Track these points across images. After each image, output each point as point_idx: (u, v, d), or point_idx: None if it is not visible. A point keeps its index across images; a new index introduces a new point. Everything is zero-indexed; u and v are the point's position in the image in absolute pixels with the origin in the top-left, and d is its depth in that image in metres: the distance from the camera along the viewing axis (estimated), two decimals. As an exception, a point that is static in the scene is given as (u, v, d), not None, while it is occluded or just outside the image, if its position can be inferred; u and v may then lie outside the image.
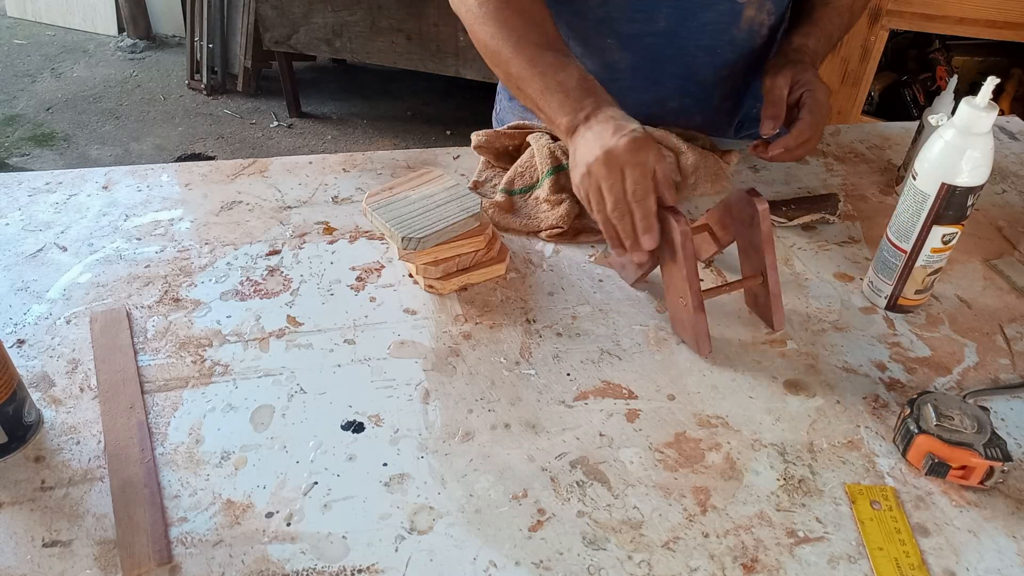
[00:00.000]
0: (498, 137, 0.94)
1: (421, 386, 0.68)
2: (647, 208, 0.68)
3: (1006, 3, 1.87)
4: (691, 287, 0.69)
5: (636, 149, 0.68)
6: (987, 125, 0.66)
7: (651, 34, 0.90)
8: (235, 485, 0.60)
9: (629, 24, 0.90)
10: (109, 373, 0.68)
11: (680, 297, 0.71)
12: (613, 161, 0.69)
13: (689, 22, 0.89)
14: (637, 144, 0.68)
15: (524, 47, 0.79)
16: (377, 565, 0.55)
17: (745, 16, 0.90)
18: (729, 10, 0.89)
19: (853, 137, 1.08)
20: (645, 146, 0.68)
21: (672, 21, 0.89)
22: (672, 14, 0.88)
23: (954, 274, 0.84)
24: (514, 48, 0.79)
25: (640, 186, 0.68)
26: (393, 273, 0.81)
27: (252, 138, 3.04)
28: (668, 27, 0.89)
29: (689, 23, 0.89)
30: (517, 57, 0.79)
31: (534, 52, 0.78)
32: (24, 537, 0.56)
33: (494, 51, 0.81)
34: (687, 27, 0.89)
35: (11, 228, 0.86)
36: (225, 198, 0.91)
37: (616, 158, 0.68)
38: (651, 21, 0.89)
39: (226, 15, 3.19)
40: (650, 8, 0.88)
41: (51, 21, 3.84)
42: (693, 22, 0.89)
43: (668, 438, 0.64)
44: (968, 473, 0.60)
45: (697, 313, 0.70)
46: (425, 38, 2.69)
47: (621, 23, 0.90)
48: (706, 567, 0.55)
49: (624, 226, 0.70)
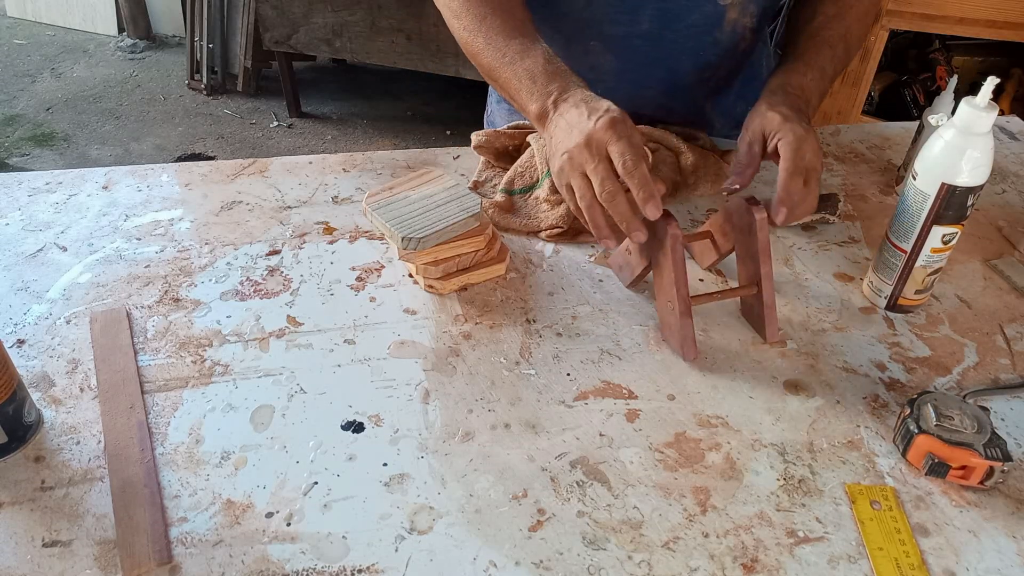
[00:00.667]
0: (498, 137, 0.94)
1: (421, 386, 0.68)
2: (643, 175, 0.65)
3: (1006, 3, 1.87)
4: (679, 291, 0.69)
5: (616, 126, 0.66)
6: (987, 125, 0.66)
7: (635, 36, 0.90)
8: (235, 485, 0.60)
9: (613, 26, 0.90)
10: (109, 373, 0.68)
11: (668, 301, 0.71)
12: (595, 144, 0.67)
13: (673, 24, 0.89)
14: (615, 122, 0.67)
15: (493, 36, 0.78)
16: (377, 565, 0.55)
17: (728, 18, 0.89)
18: (712, 12, 0.88)
19: (853, 137, 1.08)
20: (624, 122, 0.67)
21: (656, 23, 0.89)
22: (656, 16, 0.88)
23: (954, 274, 0.84)
24: (485, 39, 0.79)
25: (630, 155, 0.65)
26: (393, 273, 0.81)
27: (252, 138, 3.04)
28: (652, 29, 0.89)
29: (673, 25, 0.89)
30: (488, 48, 0.79)
31: (502, 41, 0.78)
32: (24, 537, 0.56)
33: (468, 43, 0.82)
34: (671, 29, 0.89)
35: (11, 228, 0.86)
36: (225, 198, 0.91)
37: (598, 140, 0.66)
38: (635, 23, 0.89)
39: (226, 15, 3.19)
40: (634, 10, 0.88)
41: (51, 21, 3.84)
42: (677, 24, 0.89)
43: (668, 438, 0.64)
44: (968, 473, 0.60)
45: (683, 318, 0.69)
46: (425, 38, 2.70)
47: (605, 25, 0.90)
48: (706, 567, 0.55)
49: (617, 206, 0.66)
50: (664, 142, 0.93)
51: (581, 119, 0.69)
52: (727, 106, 1.02)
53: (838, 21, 0.84)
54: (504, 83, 0.78)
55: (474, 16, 0.80)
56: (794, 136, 0.70)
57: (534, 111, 0.75)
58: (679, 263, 0.68)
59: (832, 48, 0.82)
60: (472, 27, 0.80)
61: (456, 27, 0.83)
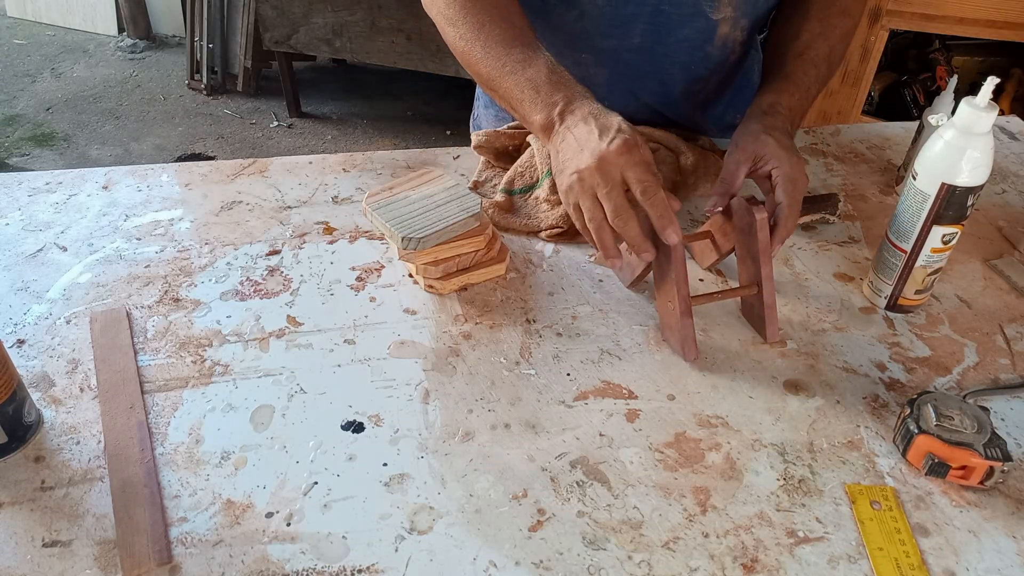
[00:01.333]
0: (498, 137, 0.94)
1: (421, 386, 0.68)
2: (662, 201, 0.65)
3: (1006, 3, 1.87)
4: (679, 291, 0.69)
5: (630, 150, 0.66)
6: (987, 125, 0.66)
7: (627, 50, 0.89)
8: (235, 485, 0.60)
9: (604, 39, 0.89)
10: (109, 373, 0.68)
11: (669, 301, 0.71)
12: (609, 167, 0.66)
13: (665, 38, 0.88)
14: (629, 145, 0.66)
15: (492, 45, 0.77)
16: (377, 565, 0.55)
17: (719, 33, 0.88)
18: (704, 27, 0.87)
19: (853, 137, 1.08)
20: (638, 145, 0.67)
21: (648, 37, 0.88)
22: (648, 30, 0.87)
23: (954, 274, 0.84)
24: (483, 47, 0.77)
25: (648, 183, 0.65)
26: (393, 273, 0.81)
27: (252, 138, 3.04)
28: (643, 43, 0.88)
29: (665, 39, 0.88)
30: (487, 57, 0.77)
31: (502, 50, 0.76)
32: (24, 537, 0.56)
33: (464, 52, 0.80)
34: (663, 43, 0.88)
35: (11, 228, 0.86)
36: (225, 198, 0.91)
37: (612, 163, 0.66)
38: (626, 37, 0.88)
39: (226, 15, 3.19)
40: (625, 24, 0.87)
41: (51, 21, 3.84)
42: (669, 38, 0.88)
43: (668, 438, 0.64)
44: (968, 473, 0.60)
45: (684, 318, 0.69)
46: (425, 38, 2.70)
47: (596, 38, 0.89)
48: (706, 567, 0.55)
49: (629, 231, 0.67)
50: (664, 142, 0.93)
51: (591, 138, 0.68)
52: (719, 115, 1.01)
53: (823, 40, 0.83)
54: (504, 93, 0.76)
55: (472, 24, 0.78)
56: (791, 167, 0.71)
57: (538, 122, 0.73)
58: (679, 263, 0.68)
59: (817, 68, 0.82)
60: (470, 36, 0.78)
61: (452, 35, 0.81)
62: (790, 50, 0.83)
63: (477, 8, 0.79)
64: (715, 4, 0.85)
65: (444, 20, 0.82)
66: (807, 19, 0.84)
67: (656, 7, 0.85)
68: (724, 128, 1.02)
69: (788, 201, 0.71)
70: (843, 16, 0.85)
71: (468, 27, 0.79)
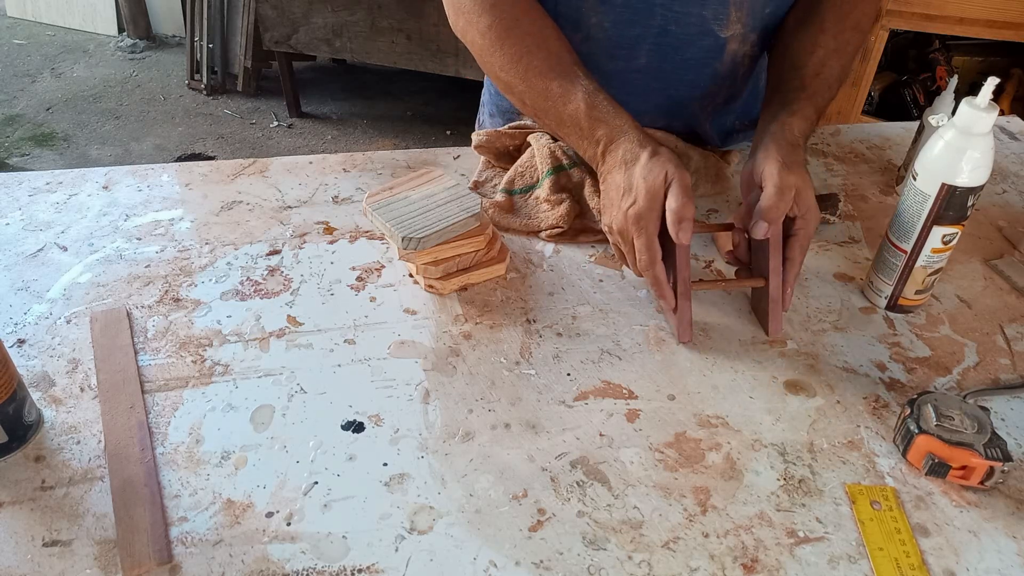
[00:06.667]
0: (498, 137, 0.94)
1: (421, 386, 0.68)
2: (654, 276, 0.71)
3: (1006, 3, 1.87)
4: (680, 275, 0.70)
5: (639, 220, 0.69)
6: (987, 125, 0.66)
7: (633, 71, 0.89)
8: (235, 485, 0.60)
9: (610, 61, 0.88)
10: (109, 373, 0.68)
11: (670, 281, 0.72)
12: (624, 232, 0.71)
13: (671, 58, 0.87)
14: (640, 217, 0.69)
15: (532, 77, 0.78)
16: (377, 565, 0.55)
17: (728, 50, 0.87)
18: (712, 45, 0.86)
19: (853, 137, 1.08)
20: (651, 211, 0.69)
21: (654, 59, 0.87)
22: (654, 51, 0.87)
23: (954, 274, 0.84)
24: (523, 79, 0.78)
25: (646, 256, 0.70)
26: (393, 273, 0.81)
27: (252, 138, 3.04)
28: (650, 64, 0.88)
29: (672, 59, 0.87)
30: (529, 91, 0.79)
31: (541, 84, 0.77)
32: (24, 537, 0.56)
33: (506, 83, 0.81)
34: (670, 62, 0.88)
35: (11, 228, 0.86)
36: (225, 198, 0.91)
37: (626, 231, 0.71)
38: (632, 58, 0.88)
39: (226, 15, 3.19)
40: (631, 46, 0.87)
41: (51, 21, 3.85)
42: (676, 57, 0.87)
43: (668, 438, 0.64)
44: (968, 473, 0.60)
45: (682, 300, 0.71)
46: (425, 38, 2.70)
47: (602, 60, 0.88)
48: (706, 567, 0.55)
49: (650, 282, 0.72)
50: (666, 143, 0.93)
51: (619, 193, 0.72)
52: (728, 124, 1.01)
53: (837, 58, 0.82)
54: (551, 128, 0.80)
55: (509, 56, 0.79)
56: (814, 225, 0.72)
57: (588, 158, 0.78)
58: (683, 249, 0.69)
59: (831, 89, 0.81)
60: (508, 67, 0.79)
61: (490, 65, 0.81)
62: (807, 67, 0.81)
63: (513, 38, 0.79)
64: (724, 22, 0.84)
65: (480, 49, 0.82)
66: (822, 33, 0.82)
67: (662, 28, 0.84)
68: (727, 133, 1.01)
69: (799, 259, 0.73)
70: (855, 32, 0.84)
71: (506, 58, 0.79)
